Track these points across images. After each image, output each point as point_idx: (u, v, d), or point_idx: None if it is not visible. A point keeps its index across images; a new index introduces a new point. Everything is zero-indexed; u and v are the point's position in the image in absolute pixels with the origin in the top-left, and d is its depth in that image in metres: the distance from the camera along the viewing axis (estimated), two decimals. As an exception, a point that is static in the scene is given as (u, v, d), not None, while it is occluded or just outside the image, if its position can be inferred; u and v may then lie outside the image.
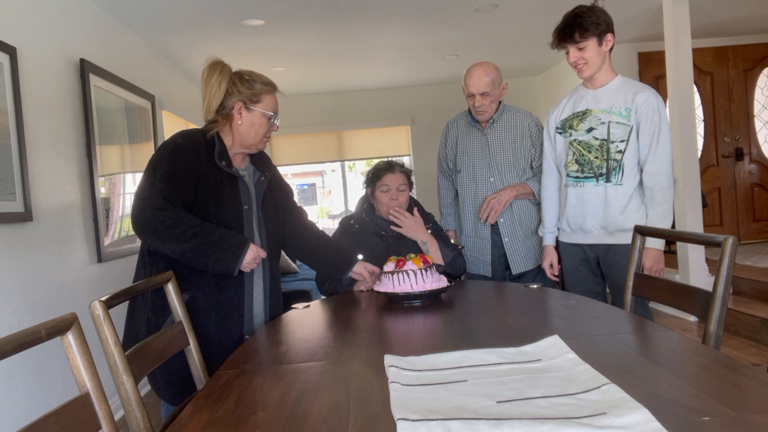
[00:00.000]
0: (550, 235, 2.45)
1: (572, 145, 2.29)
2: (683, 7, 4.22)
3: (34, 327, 0.91)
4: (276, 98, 1.85)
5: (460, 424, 0.87)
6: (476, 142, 2.62)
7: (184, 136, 1.78)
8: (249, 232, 1.80)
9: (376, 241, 2.33)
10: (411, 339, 1.45)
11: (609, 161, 2.21)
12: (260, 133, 1.81)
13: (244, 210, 1.79)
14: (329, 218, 7.70)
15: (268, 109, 1.81)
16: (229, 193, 1.76)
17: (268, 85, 1.83)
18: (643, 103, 2.16)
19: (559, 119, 2.36)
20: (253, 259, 1.70)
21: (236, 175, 1.79)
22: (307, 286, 4.36)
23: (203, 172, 1.72)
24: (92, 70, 3.28)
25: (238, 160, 1.85)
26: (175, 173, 1.67)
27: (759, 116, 5.77)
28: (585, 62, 2.19)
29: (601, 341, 1.30)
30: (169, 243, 1.62)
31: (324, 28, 4.39)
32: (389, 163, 2.39)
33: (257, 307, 1.85)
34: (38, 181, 2.71)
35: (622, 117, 2.19)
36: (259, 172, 1.90)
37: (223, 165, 1.75)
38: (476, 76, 2.48)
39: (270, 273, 1.89)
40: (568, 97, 2.38)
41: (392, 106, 6.95)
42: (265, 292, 1.87)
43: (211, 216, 1.71)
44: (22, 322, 2.49)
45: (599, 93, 2.26)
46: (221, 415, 1.03)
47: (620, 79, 2.26)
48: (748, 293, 4.19)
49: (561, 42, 2.22)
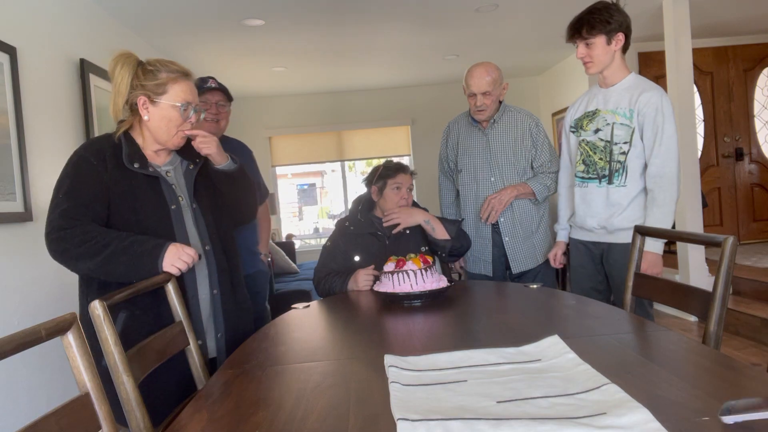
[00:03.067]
0: (562, 232, 2.48)
1: (581, 146, 2.29)
2: (683, 7, 4.22)
3: (34, 327, 0.91)
4: (189, 85, 1.64)
5: (460, 424, 0.87)
6: (477, 142, 2.63)
7: (87, 145, 1.64)
8: (181, 233, 1.64)
9: (372, 241, 2.33)
10: (411, 339, 1.45)
11: (612, 163, 2.20)
12: (172, 127, 1.62)
13: (171, 210, 1.64)
14: (329, 218, 7.70)
15: (176, 100, 1.61)
16: (147, 195, 1.61)
17: (175, 72, 1.63)
18: (646, 104, 2.13)
19: (573, 118, 2.36)
20: (176, 258, 1.52)
21: (156, 175, 1.64)
22: (307, 286, 4.36)
23: (112, 180, 1.57)
24: (92, 70, 3.28)
25: (160, 157, 1.70)
26: (78, 189, 1.54)
27: (759, 116, 5.77)
28: (590, 59, 2.19)
29: (601, 341, 1.30)
30: (81, 261, 1.49)
31: (324, 28, 4.39)
32: (402, 164, 2.43)
33: (205, 309, 1.68)
34: (38, 181, 2.71)
35: (625, 118, 2.17)
36: (186, 161, 1.73)
37: (136, 167, 1.60)
38: (477, 75, 2.50)
39: (218, 268, 1.71)
40: (585, 95, 2.38)
41: (392, 106, 6.95)
42: (214, 292, 1.69)
43: (131, 224, 1.57)
44: (22, 322, 2.48)
45: (609, 93, 2.24)
46: (221, 415, 1.03)
47: (631, 79, 2.23)
48: (748, 293, 4.19)
49: (571, 37, 2.21)
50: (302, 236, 7.37)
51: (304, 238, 7.35)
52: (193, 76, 1.70)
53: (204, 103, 2.44)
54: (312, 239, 7.41)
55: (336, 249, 2.34)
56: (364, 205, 2.42)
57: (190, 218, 1.68)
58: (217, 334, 1.72)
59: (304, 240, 7.35)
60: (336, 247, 2.35)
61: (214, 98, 2.52)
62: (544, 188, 2.57)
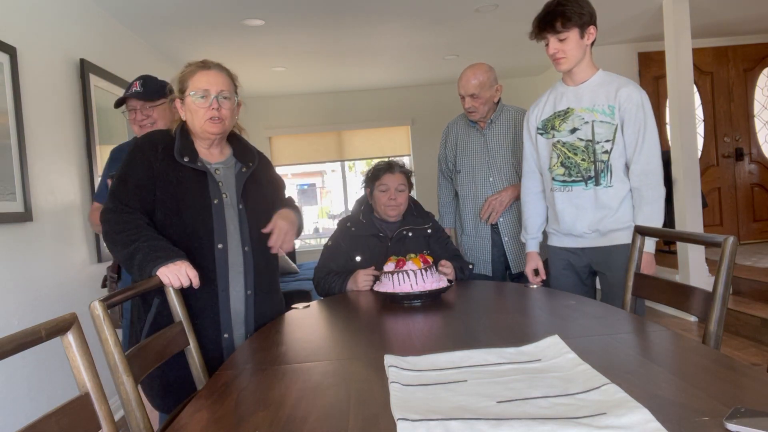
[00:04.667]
0: (533, 241, 2.32)
1: (556, 147, 2.15)
2: (683, 7, 4.22)
3: (34, 327, 0.91)
4: (205, 75, 1.71)
5: (460, 424, 0.87)
6: (475, 143, 2.63)
7: (146, 135, 1.77)
8: (220, 227, 1.71)
9: (374, 242, 2.32)
10: (411, 339, 1.45)
11: (596, 163, 2.08)
12: (200, 116, 1.70)
13: (213, 204, 1.71)
14: (329, 218, 7.70)
15: (196, 89, 1.70)
16: (193, 188, 1.69)
17: (191, 65, 1.74)
18: (626, 99, 2.03)
19: (540, 119, 2.22)
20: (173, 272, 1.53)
21: (204, 170, 1.72)
22: (307, 286, 4.36)
23: (162, 170, 1.68)
24: (92, 70, 3.28)
25: (213, 155, 1.79)
26: (128, 174, 1.67)
27: (759, 116, 5.77)
28: (564, 55, 2.06)
29: (601, 341, 1.30)
30: (114, 247, 1.61)
31: (324, 28, 4.39)
32: (389, 163, 2.39)
33: (236, 304, 1.73)
34: (38, 181, 2.71)
35: (606, 115, 2.06)
36: (240, 164, 1.82)
37: (185, 161, 1.69)
38: (464, 78, 2.52)
39: (255, 269, 1.76)
40: (548, 94, 2.23)
41: (392, 106, 6.95)
42: (248, 289, 1.75)
43: (173, 212, 1.67)
44: (22, 322, 2.48)
45: (580, 90, 2.12)
46: (221, 415, 1.03)
47: (601, 75, 2.12)
48: (748, 293, 4.19)
49: (541, 32, 2.08)
50: (302, 236, 7.37)
51: (304, 238, 7.35)
52: (212, 64, 1.75)
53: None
54: (312, 239, 7.41)
55: (337, 249, 2.34)
56: (366, 206, 2.42)
57: (233, 216, 1.74)
58: (247, 334, 1.76)
59: (304, 240, 7.35)
60: (337, 247, 2.34)
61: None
62: None
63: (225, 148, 1.83)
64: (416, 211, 2.43)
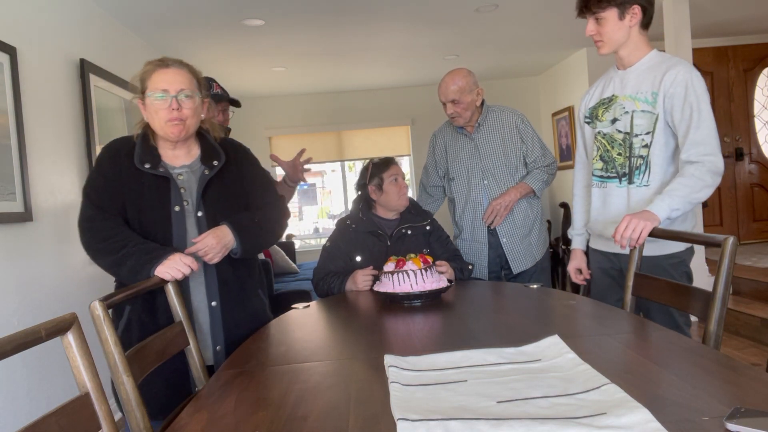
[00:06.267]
0: (578, 238, 2.17)
1: (597, 139, 1.98)
2: (683, 7, 4.22)
3: (34, 327, 0.91)
4: (164, 72, 1.62)
5: (460, 424, 0.87)
6: (466, 148, 2.63)
7: (109, 144, 1.71)
8: (180, 236, 1.62)
9: (373, 241, 2.32)
10: (411, 339, 1.45)
11: (632, 158, 1.88)
12: (160, 117, 1.61)
13: (173, 212, 1.63)
14: (329, 218, 7.69)
15: (154, 89, 1.60)
16: (153, 196, 1.63)
17: (150, 64, 1.65)
18: (672, 82, 1.78)
19: (588, 106, 2.05)
20: (171, 266, 1.51)
21: (166, 176, 1.64)
22: (307, 286, 4.36)
23: (126, 178, 1.63)
24: (92, 70, 3.28)
25: (179, 156, 1.70)
26: (99, 185, 1.63)
27: (759, 116, 5.76)
28: (600, 38, 1.87)
29: (601, 341, 1.30)
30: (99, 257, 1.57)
31: (324, 29, 4.39)
32: (388, 158, 2.43)
33: (200, 316, 1.65)
34: (38, 181, 2.71)
35: (647, 104, 1.84)
36: (203, 166, 1.70)
37: (146, 168, 1.62)
38: (444, 84, 2.52)
39: (219, 279, 1.67)
40: (601, 78, 2.06)
41: (392, 106, 6.95)
42: (212, 303, 1.66)
43: (135, 222, 1.62)
44: (22, 322, 2.48)
45: (626, 75, 1.92)
46: (221, 415, 1.03)
47: (652, 57, 1.89)
48: (748, 293, 4.19)
49: (581, 10, 1.89)
50: (302, 236, 7.37)
51: (304, 238, 7.35)
52: (171, 62, 1.67)
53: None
54: (312, 239, 7.41)
55: (336, 250, 2.33)
56: (364, 204, 2.42)
57: (193, 223, 1.65)
58: (215, 346, 1.67)
59: (304, 240, 7.35)
60: (336, 248, 2.34)
61: (220, 106, 2.53)
62: (542, 184, 2.58)
63: (193, 148, 1.73)
64: (414, 209, 2.43)
